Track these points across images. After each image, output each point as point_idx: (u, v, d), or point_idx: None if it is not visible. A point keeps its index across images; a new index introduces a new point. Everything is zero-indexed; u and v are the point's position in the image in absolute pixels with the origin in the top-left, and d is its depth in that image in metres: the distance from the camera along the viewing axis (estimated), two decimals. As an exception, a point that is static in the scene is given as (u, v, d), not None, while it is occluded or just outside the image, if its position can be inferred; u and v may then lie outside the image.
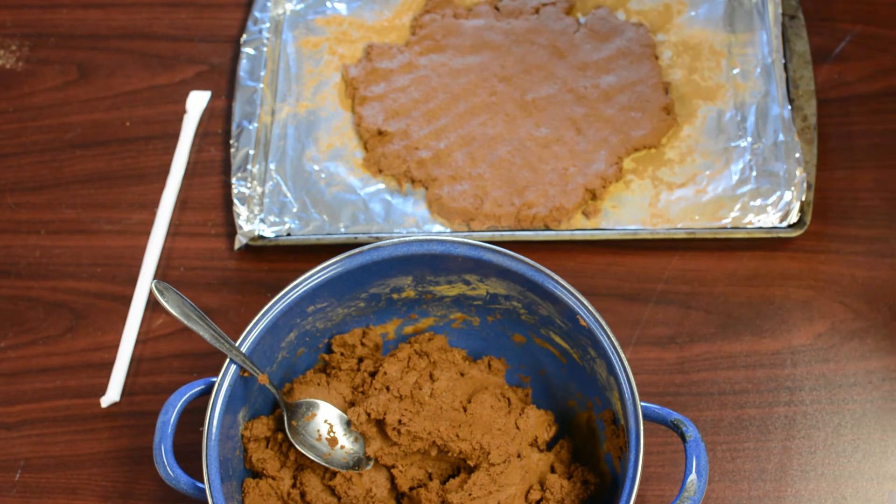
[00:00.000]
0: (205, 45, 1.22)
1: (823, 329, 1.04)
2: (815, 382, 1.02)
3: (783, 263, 1.07)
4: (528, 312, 0.96)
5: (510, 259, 0.92)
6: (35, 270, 1.10)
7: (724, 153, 1.11)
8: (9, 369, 1.06)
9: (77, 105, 1.19)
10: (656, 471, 0.99)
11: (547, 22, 1.18)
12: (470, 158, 1.11)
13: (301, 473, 0.94)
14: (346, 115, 1.15)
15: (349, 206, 1.10)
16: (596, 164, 1.10)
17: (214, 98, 1.18)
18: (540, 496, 0.92)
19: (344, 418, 0.94)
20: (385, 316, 0.99)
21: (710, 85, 1.15)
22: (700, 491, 0.85)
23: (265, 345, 0.92)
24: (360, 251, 0.93)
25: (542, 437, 0.94)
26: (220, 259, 1.10)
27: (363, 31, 1.20)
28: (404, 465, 0.93)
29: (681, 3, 1.20)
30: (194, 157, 1.15)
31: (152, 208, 1.12)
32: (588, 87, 1.14)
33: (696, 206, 1.08)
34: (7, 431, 1.03)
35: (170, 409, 0.89)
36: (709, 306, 1.06)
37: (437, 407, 0.91)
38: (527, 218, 1.08)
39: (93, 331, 1.07)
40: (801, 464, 0.99)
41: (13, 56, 1.22)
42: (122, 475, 1.01)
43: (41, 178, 1.15)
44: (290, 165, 1.12)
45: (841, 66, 1.16)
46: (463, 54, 1.17)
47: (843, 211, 1.09)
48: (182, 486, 0.88)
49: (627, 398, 0.87)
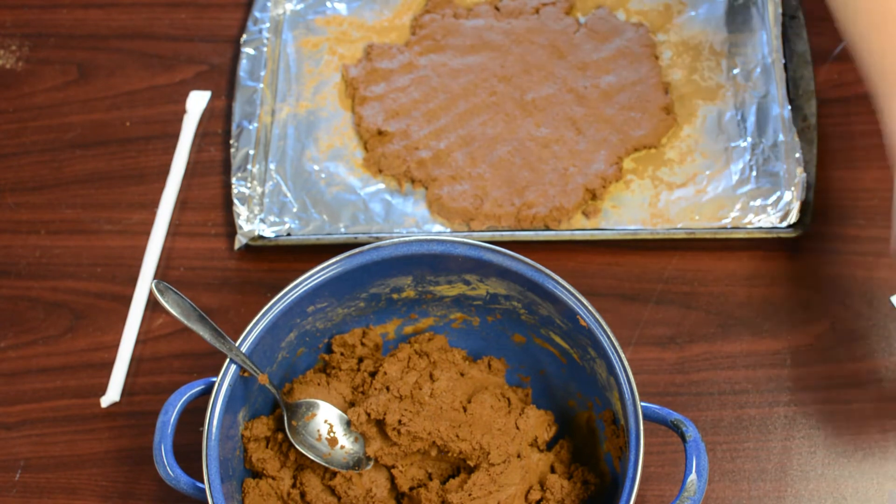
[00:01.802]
0: (205, 45, 1.22)
1: (823, 329, 1.04)
2: (815, 382, 1.02)
3: (783, 263, 1.07)
4: (528, 312, 0.96)
5: (510, 259, 0.92)
6: (35, 270, 1.10)
7: (724, 153, 1.11)
8: (9, 369, 1.06)
9: (77, 105, 1.19)
10: (656, 471, 0.99)
11: (547, 22, 1.18)
12: (470, 158, 1.11)
13: (301, 473, 0.94)
14: (346, 115, 1.16)
15: (349, 206, 1.10)
16: (596, 164, 1.10)
17: (214, 98, 1.18)
18: (540, 496, 0.92)
19: (344, 418, 0.94)
20: (385, 316, 0.99)
21: (710, 85, 1.15)
22: (700, 491, 0.85)
23: (265, 345, 0.92)
24: (360, 251, 0.93)
25: (542, 437, 0.94)
26: (220, 259, 1.10)
27: (363, 31, 1.20)
28: (404, 465, 0.93)
29: (681, 3, 1.20)
30: (194, 157, 1.15)
31: (152, 208, 1.12)
32: (588, 87, 1.14)
33: (696, 206, 1.08)
34: (7, 431, 1.03)
35: (170, 409, 0.89)
36: (709, 306, 1.06)
37: (437, 407, 0.91)
38: (527, 218, 1.08)
39: (93, 331, 1.07)
40: (801, 464, 0.99)
41: (13, 56, 1.22)
42: (122, 475, 1.01)
43: (41, 178, 1.15)
44: (290, 165, 1.12)
45: (841, 66, 1.16)
46: (463, 54, 1.17)
47: (843, 211, 1.09)
48: (182, 486, 0.88)
49: (627, 398, 0.87)
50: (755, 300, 1.06)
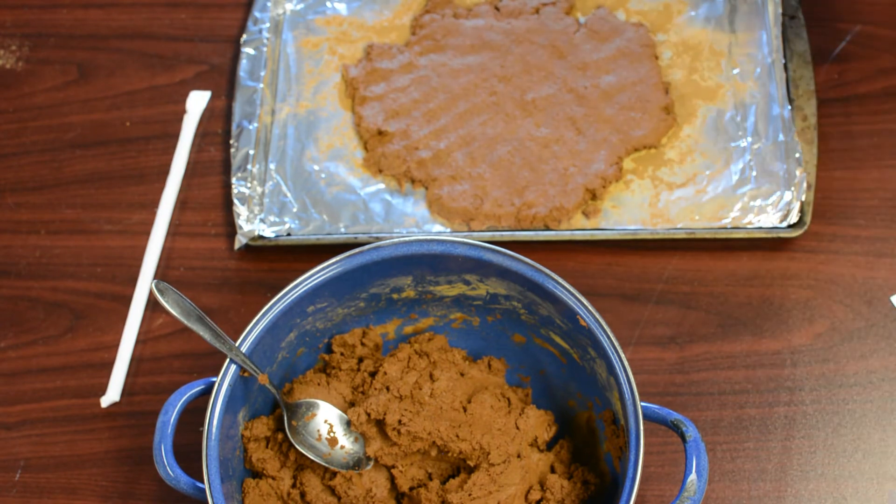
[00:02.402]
0: (205, 45, 1.22)
1: (823, 329, 1.04)
2: (815, 382, 1.02)
3: (783, 263, 1.07)
4: (528, 312, 0.96)
5: (510, 259, 0.92)
6: (35, 270, 1.10)
7: (724, 153, 1.11)
8: (9, 369, 1.06)
9: (77, 105, 1.19)
10: (656, 471, 0.99)
11: (547, 22, 1.18)
12: (470, 158, 1.11)
13: (301, 473, 0.94)
14: (346, 115, 1.15)
15: (349, 206, 1.10)
16: (596, 164, 1.10)
17: (214, 98, 1.18)
18: (540, 496, 0.92)
19: (344, 418, 0.94)
20: (385, 316, 0.99)
21: (710, 85, 1.15)
22: (700, 491, 0.85)
23: (265, 345, 0.92)
24: (360, 251, 0.93)
25: (542, 437, 0.94)
26: (220, 259, 1.10)
27: (363, 31, 1.20)
28: (404, 465, 0.93)
29: (681, 3, 1.20)
30: (194, 157, 1.15)
31: (152, 208, 1.12)
32: (588, 87, 1.14)
33: (696, 206, 1.08)
34: (7, 431, 1.03)
35: (170, 409, 0.89)
36: (709, 306, 1.06)
37: (437, 407, 0.91)
38: (527, 218, 1.08)
39: (93, 331, 1.07)
40: (801, 464, 0.99)
41: (13, 56, 1.22)
42: (122, 475, 1.01)
43: (41, 178, 1.15)
44: (290, 165, 1.12)
45: (841, 66, 1.16)
46: (463, 54, 1.17)
47: (843, 211, 1.09)
48: (182, 486, 0.88)
49: (627, 398, 0.87)
50: (755, 300, 1.06)
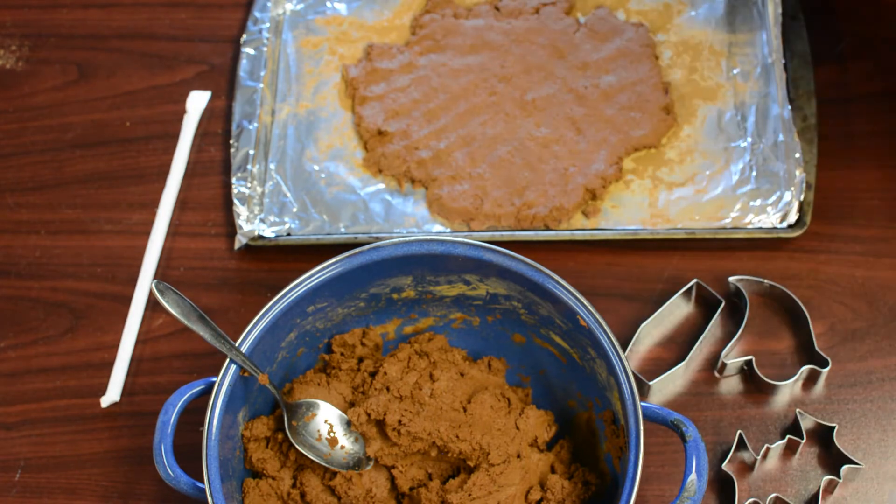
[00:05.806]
0: (205, 45, 1.22)
1: (823, 329, 1.04)
2: (815, 382, 1.02)
3: (783, 263, 1.07)
4: (528, 312, 0.96)
5: (510, 259, 0.92)
6: (35, 270, 1.10)
7: (724, 153, 1.11)
8: (9, 369, 1.06)
9: (77, 105, 1.19)
10: (656, 471, 0.99)
11: (547, 22, 1.18)
12: (470, 158, 1.11)
13: (301, 473, 0.94)
14: (346, 115, 1.16)
15: (349, 206, 1.10)
16: (596, 164, 1.10)
17: (214, 98, 1.18)
18: (540, 496, 0.92)
19: (344, 418, 0.94)
20: (385, 316, 0.99)
21: (710, 85, 1.15)
22: (700, 491, 0.85)
23: (265, 345, 0.92)
24: (360, 251, 0.93)
25: (542, 438, 0.94)
26: (220, 259, 1.10)
27: (363, 31, 1.20)
28: (404, 466, 0.93)
29: (681, 3, 1.20)
30: (194, 157, 1.15)
31: (152, 208, 1.12)
32: (588, 87, 1.14)
33: (696, 205, 1.08)
34: (7, 431, 1.03)
35: (170, 409, 0.89)
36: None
37: (437, 407, 0.91)
38: (527, 218, 1.08)
39: (93, 331, 1.07)
40: (801, 464, 0.99)
41: (13, 56, 1.22)
42: (122, 475, 1.01)
43: (41, 178, 1.15)
44: (290, 165, 1.12)
45: (841, 66, 1.16)
46: (463, 54, 1.17)
47: (843, 211, 1.09)
48: (182, 486, 0.88)
49: (627, 398, 0.87)
50: (755, 300, 1.06)
